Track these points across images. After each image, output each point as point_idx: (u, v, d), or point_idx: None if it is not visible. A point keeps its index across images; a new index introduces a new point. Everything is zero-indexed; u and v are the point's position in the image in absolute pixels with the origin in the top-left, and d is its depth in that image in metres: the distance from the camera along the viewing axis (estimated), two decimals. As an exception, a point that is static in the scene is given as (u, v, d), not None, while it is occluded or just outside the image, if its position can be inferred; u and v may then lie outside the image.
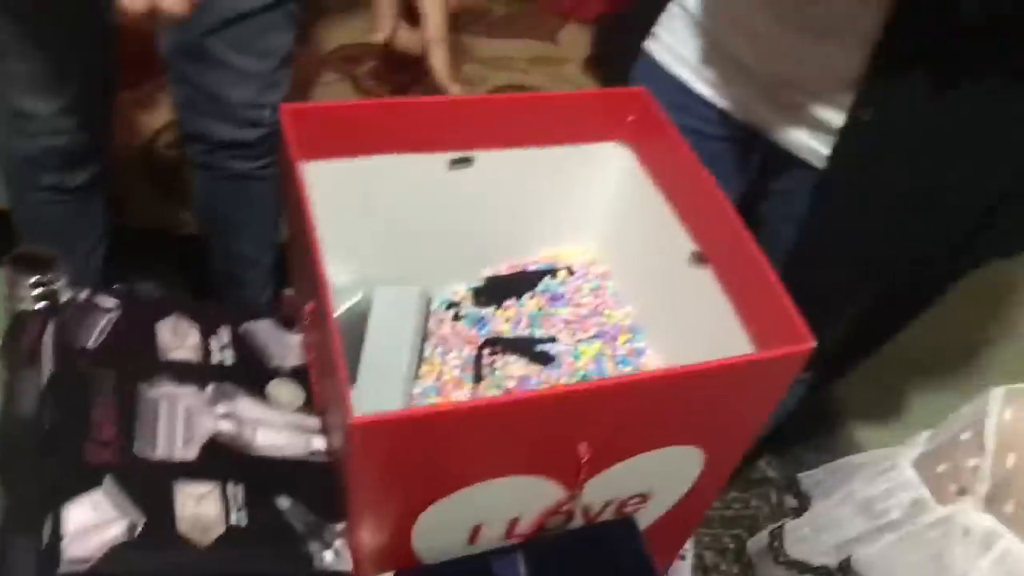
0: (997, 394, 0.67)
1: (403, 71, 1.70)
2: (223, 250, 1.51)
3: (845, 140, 0.84)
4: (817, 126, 0.88)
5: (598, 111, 0.84)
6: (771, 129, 0.92)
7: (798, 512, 0.77)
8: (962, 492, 0.67)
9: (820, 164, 0.89)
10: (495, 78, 1.69)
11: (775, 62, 0.87)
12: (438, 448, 0.57)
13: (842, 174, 0.86)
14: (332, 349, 0.58)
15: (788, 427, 1.31)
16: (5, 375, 0.71)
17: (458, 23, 1.82)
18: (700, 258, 0.77)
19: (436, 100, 0.81)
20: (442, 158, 0.82)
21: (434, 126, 0.80)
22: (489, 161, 0.83)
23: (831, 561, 0.77)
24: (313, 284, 0.64)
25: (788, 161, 0.92)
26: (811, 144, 0.89)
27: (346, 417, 0.54)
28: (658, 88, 0.92)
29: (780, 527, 0.78)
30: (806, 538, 0.76)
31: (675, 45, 0.95)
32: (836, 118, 0.85)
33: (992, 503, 0.65)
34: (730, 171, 1.01)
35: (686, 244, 0.78)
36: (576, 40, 1.82)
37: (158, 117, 1.56)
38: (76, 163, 1.31)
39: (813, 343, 0.61)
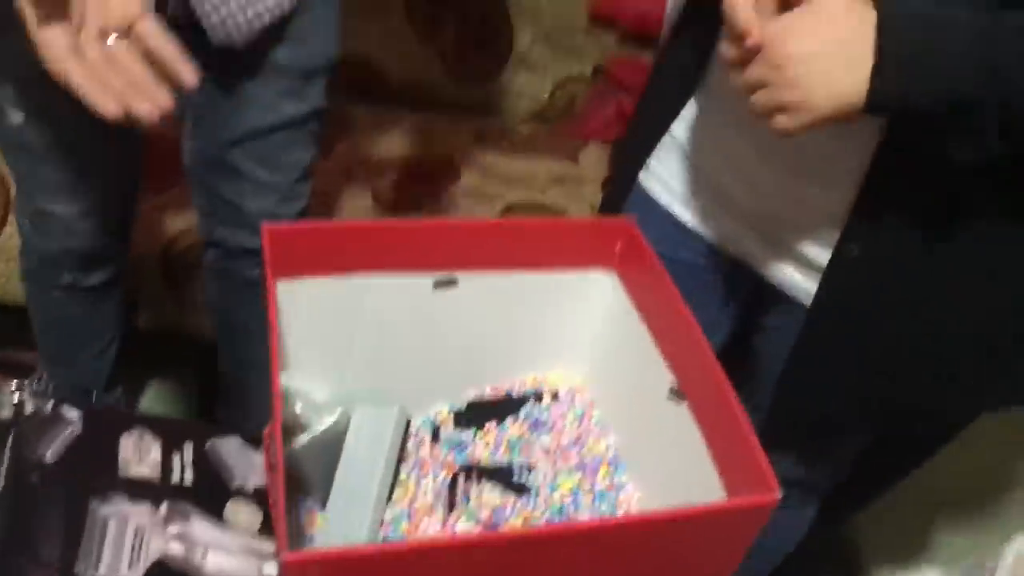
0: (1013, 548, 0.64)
1: (423, 183, 1.73)
2: (233, 355, 1.51)
3: (832, 275, 0.82)
4: (807, 264, 0.86)
5: (585, 238, 0.84)
6: (760, 265, 0.91)
7: None
8: None
9: (808, 302, 0.87)
10: (512, 195, 1.71)
11: (762, 199, 0.87)
12: (380, 587, 0.55)
13: (829, 310, 0.84)
14: (278, 476, 0.57)
15: (799, 567, 1.26)
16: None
17: (483, 140, 1.86)
18: (678, 394, 0.75)
19: (422, 223, 0.82)
20: (427, 279, 0.82)
21: (420, 247, 0.80)
22: (474, 284, 0.83)
23: None
24: (271, 406, 0.63)
25: (778, 296, 0.91)
26: (799, 281, 0.88)
27: (280, 551, 0.52)
28: (649, 219, 0.93)
29: None
30: None
31: (667, 177, 0.96)
32: (824, 256, 0.84)
33: None
34: (720, 304, 1.00)
35: (667, 378, 0.76)
36: (597, 161, 1.84)
37: (178, 222, 1.59)
38: (93, 264, 1.34)
39: (778, 495, 0.58)
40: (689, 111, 0.93)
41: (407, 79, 1.89)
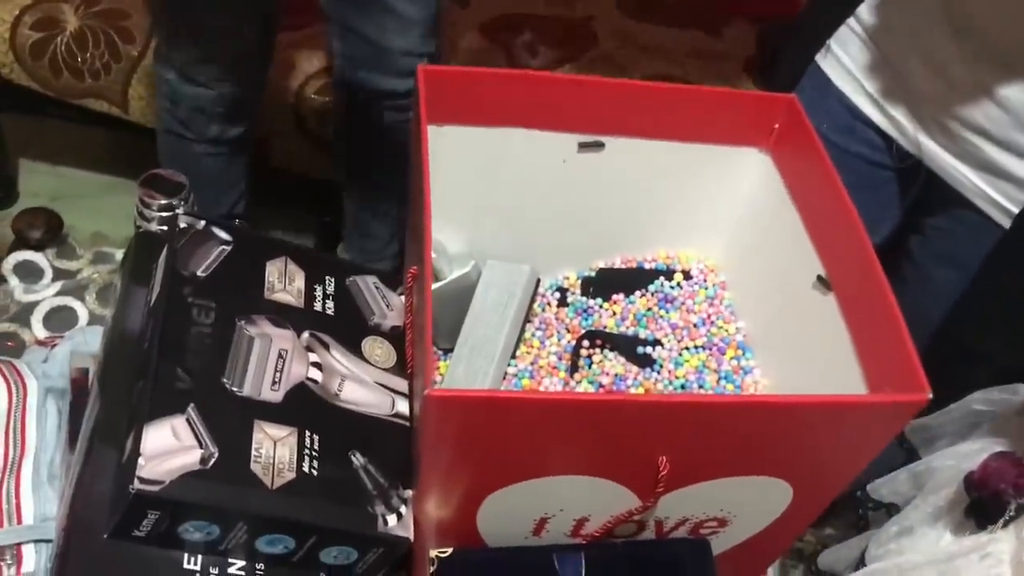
0: None
1: (559, 46, 1.69)
2: (357, 199, 1.53)
3: None
4: (987, 167, 0.81)
5: (742, 113, 0.80)
6: (936, 162, 0.86)
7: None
8: None
9: (985, 206, 0.83)
10: (648, 66, 1.65)
11: (951, 90, 0.81)
12: (513, 434, 0.56)
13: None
14: (425, 316, 0.57)
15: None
16: (122, 289, 0.74)
17: (623, 6, 1.78)
18: (826, 284, 0.72)
19: (575, 79, 0.79)
20: (573, 139, 0.80)
21: (569, 105, 0.78)
22: (620, 148, 0.80)
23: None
24: (419, 249, 0.63)
25: (950, 199, 0.86)
26: (979, 185, 0.83)
27: (425, 387, 0.53)
28: (825, 106, 0.88)
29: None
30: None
31: (847, 62, 0.91)
32: (1011, 162, 0.78)
33: None
34: (888, 201, 0.95)
35: (814, 266, 0.74)
36: (742, 37, 1.75)
37: (312, 63, 1.59)
38: (239, 112, 1.36)
39: (928, 395, 0.56)
40: None
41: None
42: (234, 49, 1.27)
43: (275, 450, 0.61)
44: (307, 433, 0.63)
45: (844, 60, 0.91)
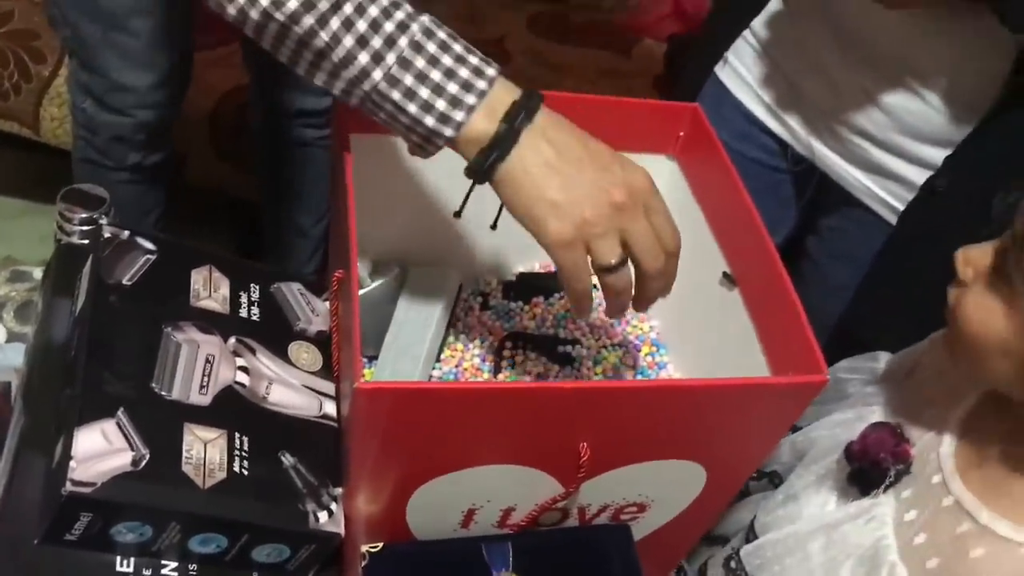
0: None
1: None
2: (277, 216, 1.54)
3: (914, 207, 0.84)
4: (876, 169, 0.87)
5: (650, 122, 0.84)
6: (829, 166, 0.91)
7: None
8: None
9: (874, 205, 0.89)
10: (560, 84, 1.70)
11: (839, 97, 0.87)
12: (440, 425, 0.58)
13: (909, 238, 0.85)
14: (352, 316, 0.59)
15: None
16: (44, 302, 0.74)
17: (536, 26, 1.83)
18: (731, 280, 0.77)
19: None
20: (490, 149, 0.83)
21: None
22: (536, 157, 0.84)
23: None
24: (344, 252, 0.65)
25: (842, 199, 0.92)
26: (868, 185, 0.89)
27: (354, 380, 0.55)
28: (722, 112, 0.93)
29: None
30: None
31: (743, 72, 0.96)
32: (895, 163, 0.84)
33: None
34: (785, 203, 1.01)
35: (719, 264, 0.78)
36: (649, 56, 1.82)
37: (226, 80, 1.60)
38: (158, 138, 1.34)
39: (827, 376, 0.60)
40: (773, 6, 0.92)
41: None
42: (154, 76, 1.26)
43: (205, 451, 0.62)
44: (236, 435, 0.64)
45: (740, 70, 0.96)
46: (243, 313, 0.72)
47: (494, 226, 0.68)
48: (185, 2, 1.21)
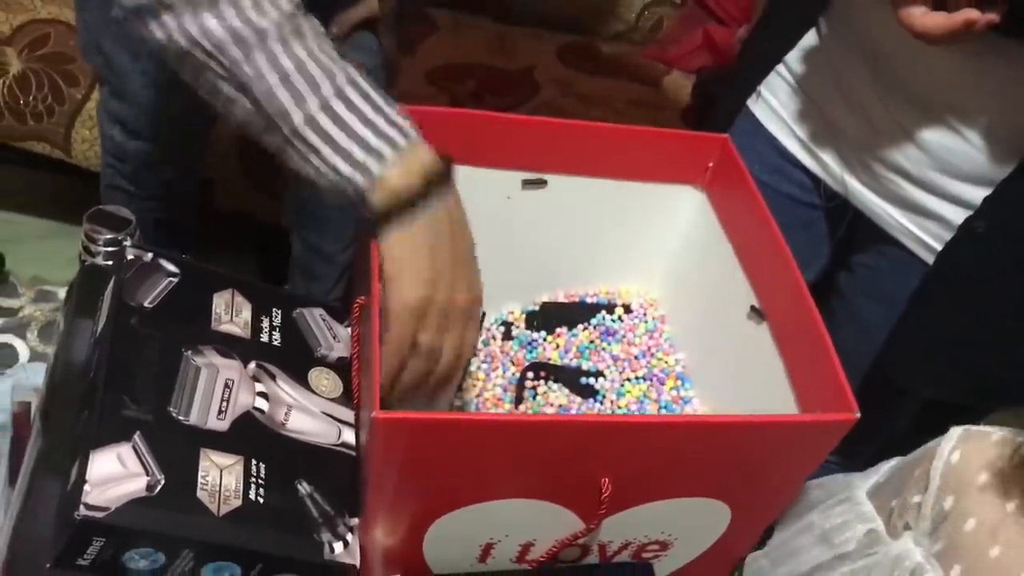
0: (953, 435, 0.65)
1: (503, 94, 1.72)
2: (304, 242, 1.54)
3: (952, 248, 0.82)
4: (912, 207, 0.86)
5: (678, 152, 0.83)
6: (863, 203, 0.90)
7: (757, 544, 0.75)
8: (907, 528, 0.65)
9: (910, 243, 0.87)
10: (588, 114, 1.70)
11: (875, 134, 0.86)
12: (459, 457, 0.57)
13: (947, 280, 0.84)
14: (372, 345, 0.59)
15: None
16: (66, 322, 0.74)
17: (565, 56, 1.83)
18: (759, 314, 0.75)
19: (518, 118, 0.82)
20: (517, 176, 0.82)
21: (513, 144, 0.80)
22: (563, 186, 0.83)
23: None
24: (367, 279, 0.65)
25: (876, 236, 0.90)
26: (903, 223, 0.87)
27: (372, 410, 0.54)
28: (756, 147, 0.92)
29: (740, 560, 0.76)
30: (763, 571, 0.74)
31: (776, 106, 0.95)
32: (931, 201, 0.83)
33: (927, 541, 0.63)
34: (818, 240, 0.99)
35: (747, 298, 0.77)
36: (679, 88, 1.81)
37: (260, 106, 1.60)
38: (185, 169, 1.35)
39: (857, 414, 0.59)
40: (807, 40, 0.91)
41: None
42: (183, 104, 1.27)
43: (221, 478, 0.61)
44: (253, 461, 0.63)
45: (773, 104, 0.95)
46: (264, 338, 0.71)
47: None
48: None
